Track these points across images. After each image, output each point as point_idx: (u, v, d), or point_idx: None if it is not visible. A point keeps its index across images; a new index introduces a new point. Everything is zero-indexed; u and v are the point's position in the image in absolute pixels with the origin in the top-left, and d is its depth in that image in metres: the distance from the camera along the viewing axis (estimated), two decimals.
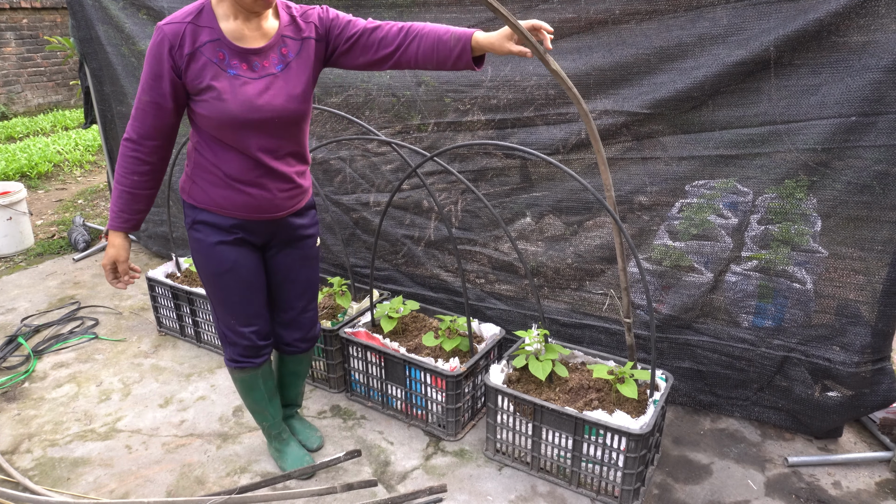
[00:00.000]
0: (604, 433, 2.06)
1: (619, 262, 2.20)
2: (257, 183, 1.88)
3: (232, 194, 1.88)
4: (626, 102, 2.41)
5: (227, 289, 1.99)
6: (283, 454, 2.32)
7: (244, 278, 2.00)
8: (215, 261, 1.95)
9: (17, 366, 3.03)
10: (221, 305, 2.03)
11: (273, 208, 1.94)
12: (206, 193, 1.89)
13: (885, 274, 2.17)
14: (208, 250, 1.94)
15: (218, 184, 1.88)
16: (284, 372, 2.35)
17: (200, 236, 1.94)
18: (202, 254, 1.96)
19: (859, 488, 2.23)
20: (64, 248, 4.50)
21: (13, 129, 7.57)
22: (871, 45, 2.00)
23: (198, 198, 1.92)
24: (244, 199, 1.89)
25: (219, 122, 1.77)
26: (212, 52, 1.74)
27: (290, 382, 2.38)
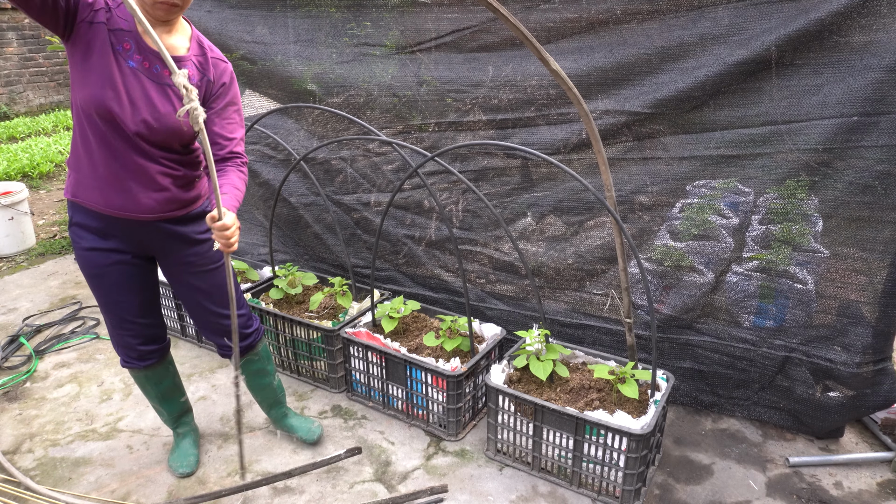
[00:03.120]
0: (605, 433, 2.06)
1: (620, 262, 2.20)
2: (123, 181, 1.83)
3: (100, 189, 1.84)
4: (626, 102, 2.40)
5: (100, 292, 2.00)
6: (173, 448, 2.39)
7: (115, 284, 1.98)
8: (88, 265, 1.96)
9: (18, 366, 3.04)
10: (102, 308, 2.05)
11: (141, 210, 1.88)
12: (81, 185, 1.87)
13: (886, 274, 2.17)
14: (81, 253, 1.95)
15: (90, 177, 1.84)
16: (246, 374, 2.30)
17: (75, 238, 1.95)
18: (77, 255, 1.98)
19: (861, 489, 2.23)
20: (65, 248, 4.50)
21: (15, 129, 7.58)
22: (873, 44, 2.00)
23: (72, 191, 1.90)
24: (111, 196, 1.85)
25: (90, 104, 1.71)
26: (120, 39, 1.73)
27: (255, 384, 2.35)
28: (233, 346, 2.05)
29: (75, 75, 1.74)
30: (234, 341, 2.05)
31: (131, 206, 1.87)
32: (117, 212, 1.87)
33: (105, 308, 2.04)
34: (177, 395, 2.34)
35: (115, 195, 1.85)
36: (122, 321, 2.06)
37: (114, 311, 2.04)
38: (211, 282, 2.08)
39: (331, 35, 3.05)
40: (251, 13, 3.26)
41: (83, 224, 1.92)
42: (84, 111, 1.75)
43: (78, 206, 1.91)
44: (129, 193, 1.85)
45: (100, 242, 1.93)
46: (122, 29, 1.74)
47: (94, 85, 1.72)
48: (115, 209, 1.87)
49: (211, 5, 3.35)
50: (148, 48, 1.77)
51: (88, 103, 1.72)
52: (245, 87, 3.43)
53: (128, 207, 1.87)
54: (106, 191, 1.85)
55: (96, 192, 1.86)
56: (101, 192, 1.85)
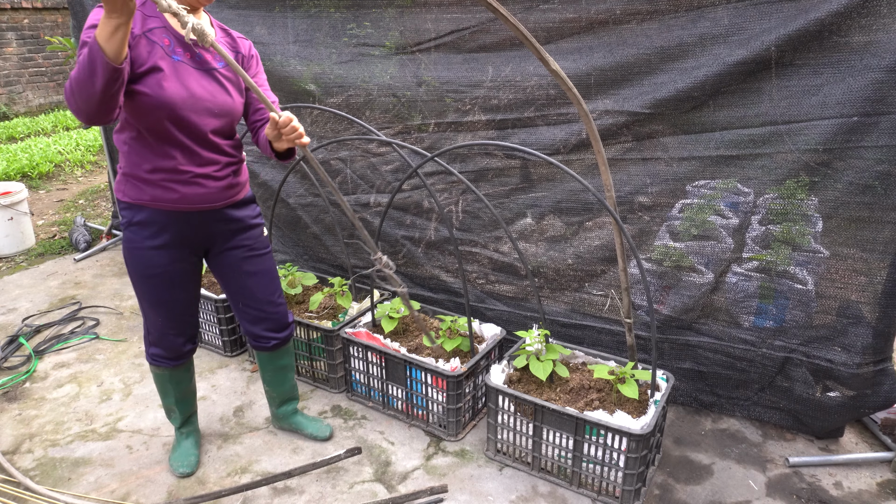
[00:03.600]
0: (605, 433, 2.06)
1: (620, 262, 2.20)
2: (190, 175, 1.88)
3: (166, 187, 1.87)
4: (626, 102, 2.40)
5: (156, 292, 2.01)
6: (174, 448, 2.38)
7: (175, 282, 2.02)
8: (147, 264, 1.96)
9: (18, 366, 3.03)
10: (151, 307, 2.05)
11: (208, 199, 1.94)
12: (141, 189, 1.89)
13: (886, 275, 2.17)
14: (140, 253, 1.95)
15: (152, 178, 1.87)
16: (271, 369, 2.36)
17: (135, 237, 1.95)
18: (134, 255, 1.97)
19: (860, 489, 2.23)
20: (65, 249, 4.50)
21: (14, 129, 7.58)
22: (873, 44, 1.99)
23: (132, 194, 1.90)
24: (179, 192, 1.89)
25: (157, 106, 1.75)
26: (159, 37, 1.77)
27: (279, 378, 2.39)
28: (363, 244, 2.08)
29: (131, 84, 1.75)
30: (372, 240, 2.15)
31: (199, 198, 1.92)
32: (184, 206, 1.90)
33: (155, 307, 2.04)
34: (193, 396, 2.36)
35: (182, 189, 1.88)
36: (173, 320, 2.08)
37: (165, 309, 2.05)
38: (261, 266, 2.15)
39: (330, 35, 3.04)
40: (250, 13, 3.25)
41: (143, 223, 1.92)
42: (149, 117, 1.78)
43: (137, 207, 1.91)
44: (196, 185, 1.90)
45: (159, 240, 1.94)
46: (156, 26, 1.77)
47: (154, 87, 1.75)
48: (182, 203, 1.90)
49: (210, 6, 3.34)
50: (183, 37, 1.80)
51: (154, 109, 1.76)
52: None
53: (195, 199, 1.91)
54: (171, 187, 1.87)
55: (160, 190, 1.87)
56: (166, 189, 1.87)
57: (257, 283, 2.16)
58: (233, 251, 2.10)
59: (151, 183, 1.87)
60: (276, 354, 2.32)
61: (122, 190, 1.93)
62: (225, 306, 3.00)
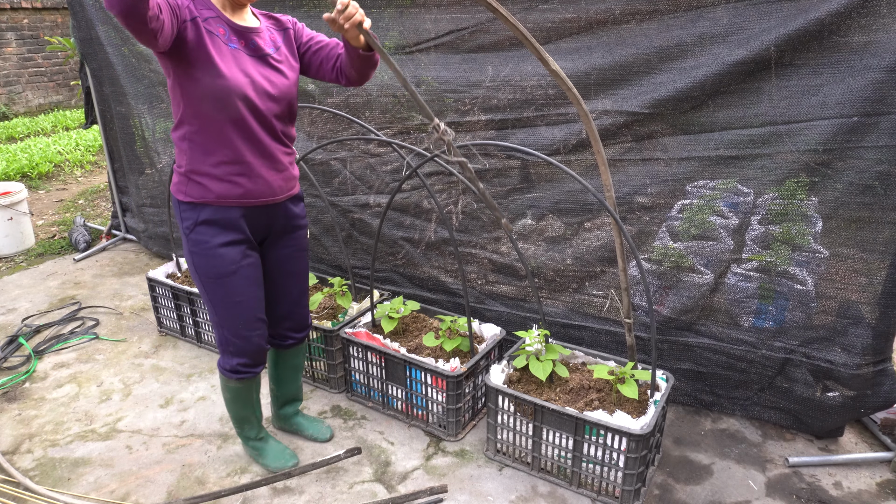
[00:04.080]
0: (604, 433, 2.06)
1: (620, 262, 2.20)
2: (255, 166, 1.88)
3: (232, 181, 1.87)
4: (625, 102, 2.40)
5: (233, 292, 1.97)
6: (264, 452, 2.31)
7: (250, 278, 1.99)
8: (220, 263, 1.92)
9: (17, 366, 3.03)
10: (227, 310, 1.99)
11: (272, 192, 1.95)
12: (205, 186, 1.87)
13: (885, 275, 2.17)
14: (212, 252, 1.91)
15: (216, 173, 1.86)
16: (283, 367, 2.35)
17: (203, 238, 1.91)
18: (205, 256, 1.92)
19: (860, 489, 2.23)
20: (65, 249, 4.50)
21: (14, 129, 7.58)
22: (873, 44, 1.99)
23: (196, 193, 1.89)
24: (244, 185, 1.88)
25: (221, 92, 1.76)
26: (214, 27, 1.77)
27: (289, 377, 2.38)
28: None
29: (187, 77, 1.75)
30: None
31: (266, 191, 1.92)
32: (250, 200, 1.90)
33: (234, 309, 1.99)
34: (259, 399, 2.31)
35: (247, 183, 1.88)
36: (251, 321, 2.04)
37: (244, 309, 2.01)
38: (301, 266, 2.18)
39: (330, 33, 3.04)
40: None
41: (210, 221, 1.90)
42: (213, 105, 1.77)
43: (203, 206, 1.89)
44: (263, 178, 1.90)
45: (228, 237, 1.92)
46: (210, 16, 1.78)
47: (218, 76, 1.75)
48: (247, 198, 1.89)
49: None
50: (237, 26, 1.82)
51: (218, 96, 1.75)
52: None
53: (263, 192, 1.92)
54: (237, 181, 1.87)
55: (226, 185, 1.87)
56: (231, 184, 1.87)
57: (293, 283, 2.17)
58: (282, 249, 2.10)
59: (216, 178, 1.86)
60: (290, 353, 2.32)
61: (183, 191, 1.90)
62: None
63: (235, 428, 2.33)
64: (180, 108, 1.82)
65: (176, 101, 1.83)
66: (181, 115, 1.84)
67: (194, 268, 1.97)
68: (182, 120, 1.84)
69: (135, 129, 4.00)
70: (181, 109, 1.82)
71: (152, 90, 3.76)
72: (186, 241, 1.95)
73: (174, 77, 1.78)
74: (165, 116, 3.85)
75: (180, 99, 1.81)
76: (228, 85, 1.76)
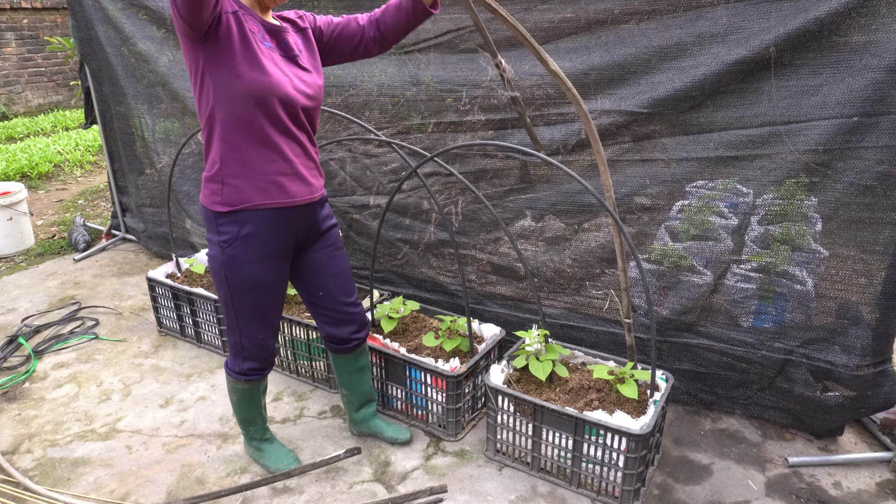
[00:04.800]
0: (604, 433, 2.06)
1: (619, 262, 2.20)
2: (295, 164, 1.87)
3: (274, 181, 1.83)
4: (624, 102, 2.40)
5: (261, 304, 1.96)
6: (266, 453, 2.31)
7: (278, 291, 1.99)
8: (254, 279, 1.91)
9: (17, 366, 3.03)
10: (249, 320, 1.98)
11: (310, 191, 1.93)
12: (243, 191, 1.82)
13: (885, 275, 2.16)
14: (248, 268, 1.89)
15: (256, 173, 1.81)
16: (350, 371, 2.32)
17: (240, 254, 1.87)
18: (240, 271, 1.89)
19: (860, 489, 2.23)
20: (64, 249, 4.50)
21: (14, 129, 7.58)
22: (873, 44, 1.99)
23: (235, 199, 1.83)
24: (286, 186, 1.86)
25: (260, 89, 1.72)
26: (251, 23, 1.76)
27: (357, 380, 2.35)
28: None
29: (225, 72, 1.70)
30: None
31: (305, 190, 1.91)
32: (288, 201, 1.87)
33: (257, 320, 1.99)
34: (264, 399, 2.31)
35: (290, 182, 1.87)
36: (271, 328, 2.05)
37: (265, 322, 2.01)
38: (341, 266, 2.14)
39: None
40: None
41: (252, 235, 1.86)
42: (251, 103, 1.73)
43: (244, 216, 1.84)
44: (302, 177, 1.89)
45: (267, 250, 1.90)
46: (245, 13, 1.76)
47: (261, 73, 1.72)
48: (286, 198, 1.87)
49: None
50: (270, 25, 1.82)
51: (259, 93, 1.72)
52: None
53: (302, 192, 1.90)
54: (280, 180, 1.85)
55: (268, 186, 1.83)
56: (275, 184, 1.84)
57: (338, 283, 2.13)
58: (320, 250, 2.08)
59: (256, 179, 1.81)
60: (354, 355, 2.29)
61: (218, 201, 1.84)
62: None
63: (242, 429, 2.32)
64: (211, 106, 1.75)
65: (206, 98, 1.75)
66: (213, 114, 1.77)
67: (225, 279, 1.91)
68: (214, 119, 1.77)
69: (134, 130, 4.00)
70: (212, 107, 1.75)
71: (152, 90, 3.76)
72: (221, 254, 1.88)
73: (207, 71, 1.71)
74: (165, 116, 3.85)
75: (212, 96, 1.73)
76: (271, 82, 1.73)
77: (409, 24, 1.95)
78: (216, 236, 1.89)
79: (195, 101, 1.81)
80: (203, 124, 1.81)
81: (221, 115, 1.76)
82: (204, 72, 1.72)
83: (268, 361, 2.11)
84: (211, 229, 1.90)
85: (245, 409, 2.23)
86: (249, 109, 1.74)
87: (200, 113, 1.80)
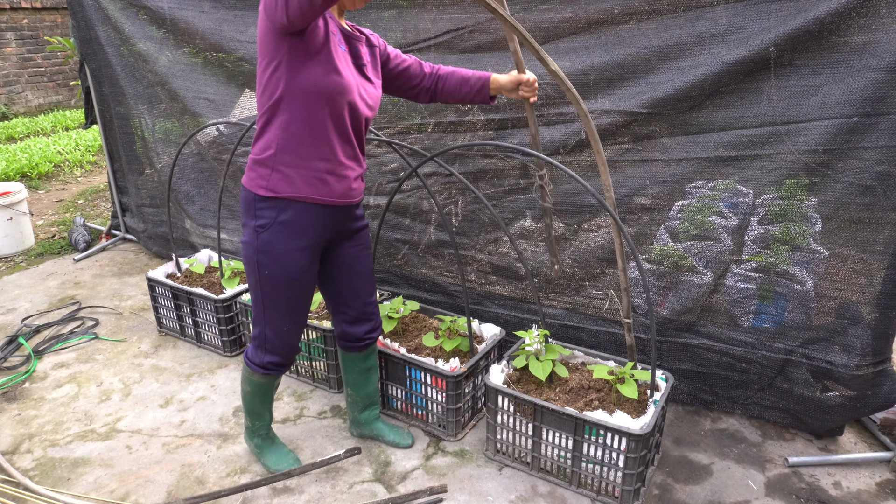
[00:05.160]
0: (604, 433, 2.06)
1: (619, 262, 2.20)
2: (345, 167, 1.89)
3: (322, 178, 1.86)
4: (624, 102, 2.40)
5: (291, 296, 1.96)
6: (267, 452, 2.30)
7: (309, 285, 1.99)
8: (289, 268, 1.91)
9: (17, 366, 3.03)
10: (280, 312, 1.98)
11: (350, 195, 1.95)
12: (292, 181, 1.84)
13: (885, 275, 2.16)
14: (283, 256, 1.89)
15: (307, 167, 1.83)
16: (358, 370, 2.33)
17: (277, 240, 1.87)
18: (274, 258, 1.89)
19: (860, 488, 2.23)
20: (64, 249, 4.50)
21: (14, 129, 7.58)
22: (872, 44, 1.99)
23: (282, 188, 1.84)
24: (332, 185, 1.88)
25: (334, 89, 1.76)
26: (332, 26, 1.79)
27: (365, 380, 2.36)
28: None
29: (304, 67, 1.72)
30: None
31: (346, 192, 1.93)
32: (332, 199, 1.90)
33: (288, 313, 1.99)
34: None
35: (336, 182, 1.89)
36: (300, 323, 2.05)
37: (297, 314, 2.01)
38: (367, 266, 2.18)
39: None
40: (246, 14, 3.25)
41: (288, 222, 1.87)
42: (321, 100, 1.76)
43: (284, 203, 1.86)
44: (347, 179, 1.92)
45: (303, 241, 1.91)
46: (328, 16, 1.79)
47: (336, 73, 1.76)
48: (330, 197, 1.89)
49: (207, 6, 3.34)
50: (345, 31, 1.86)
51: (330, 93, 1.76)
52: (244, 87, 3.43)
53: (344, 194, 1.93)
54: (328, 179, 1.87)
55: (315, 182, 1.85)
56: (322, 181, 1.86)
57: (362, 283, 2.16)
58: (349, 248, 2.10)
59: (306, 172, 1.83)
60: (364, 355, 2.30)
61: (264, 185, 1.85)
62: (225, 306, 3.00)
63: (247, 421, 2.29)
64: (279, 96, 1.77)
65: (274, 86, 1.76)
66: (279, 104, 1.78)
67: (257, 266, 1.91)
68: (279, 108, 1.79)
69: (134, 130, 4.00)
70: (280, 97, 1.77)
71: (151, 90, 3.76)
72: (255, 239, 1.89)
73: (285, 62, 1.72)
74: (165, 116, 3.85)
75: (283, 86, 1.75)
76: (343, 84, 1.78)
77: (464, 99, 2.15)
78: (252, 220, 1.89)
79: (258, 84, 1.83)
80: (263, 109, 1.83)
81: (288, 106, 1.78)
82: (282, 62, 1.73)
83: (289, 358, 2.10)
84: (248, 213, 1.91)
85: (256, 403, 2.22)
86: (318, 106, 1.77)
87: (263, 97, 1.81)
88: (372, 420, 2.45)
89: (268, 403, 2.24)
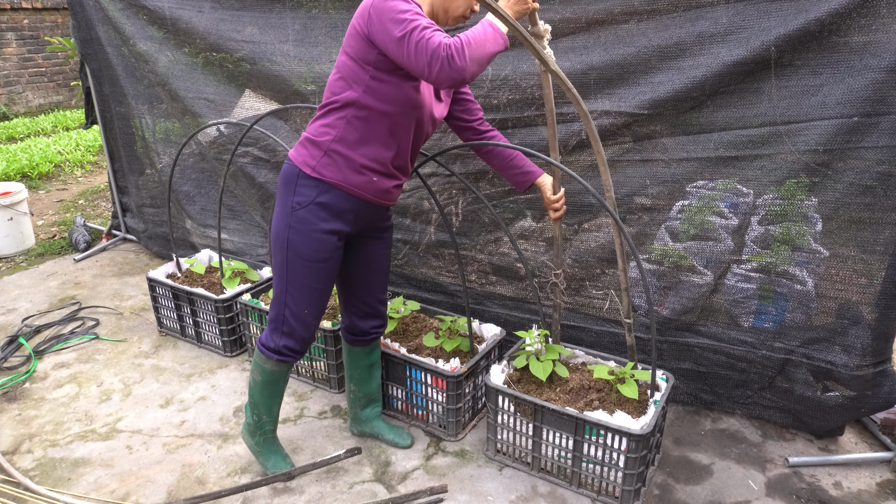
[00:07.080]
0: (604, 433, 2.06)
1: (620, 262, 2.20)
2: (392, 173, 1.95)
3: (368, 175, 1.90)
4: (624, 102, 2.40)
5: (317, 278, 1.98)
6: (267, 452, 2.27)
7: (335, 270, 2.02)
8: (319, 248, 1.94)
9: (17, 366, 3.04)
10: (302, 293, 1.98)
11: (388, 198, 2.01)
12: (342, 170, 1.88)
13: (885, 275, 2.16)
14: (315, 236, 1.92)
15: (360, 162, 1.88)
16: (362, 365, 2.36)
17: (311, 218, 1.91)
18: (306, 236, 1.92)
19: (860, 489, 2.23)
20: (65, 249, 4.50)
21: (14, 129, 7.58)
22: (873, 44, 1.99)
23: (330, 173, 1.89)
24: (375, 184, 1.93)
25: (412, 103, 1.83)
26: None
27: (368, 376, 2.39)
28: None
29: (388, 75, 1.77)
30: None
31: (385, 195, 1.99)
32: (372, 198, 1.95)
33: (310, 294, 2.00)
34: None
35: (380, 183, 1.94)
36: (320, 309, 2.06)
37: (318, 297, 2.02)
38: (386, 264, 2.24)
39: (329, 35, 3.04)
40: (244, 14, 3.25)
41: (325, 204, 1.91)
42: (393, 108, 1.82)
43: (327, 189, 1.90)
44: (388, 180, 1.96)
45: (334, 224, 1.94)
46: None
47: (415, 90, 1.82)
48: (369, 193, 1.94)
49: (206, 6, 3.34)
50: None
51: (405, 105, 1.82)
52: (244, 87, 3.43)
53: (383, 196, 1.98)
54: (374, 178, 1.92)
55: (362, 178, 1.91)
56: (367, 179, 1.91)
57: (379, 280, 2.22)
58: (373, 245, 2.15)
59: (357, 166, 1.88)
60: (369, 349, 2.34)
61: (313, 165, 1.88)
62: (226, 307, 3.00)
63: (251, 417, 2.22)
64: (355, 95, 1.81)
65: (353, 84, 1.81)
66: (352, 100, 1.82)
67: (287, 243, 1.93)
68: (351, 104, 1.83)
69: (135, 130, 4.00)
70: (356, 96, 1.81)
71: (152, 90, 3.76)
72: (290, 216, 1.92)
73: (371, 65, 1.77)
74: (165, 117, 3.85)
75: (362, 87, 1.80)
76: (420, 101, 1.85)
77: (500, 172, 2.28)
78: (291, 196, 1.92)
79: (336, 67, 1.86)
80: (331, 97, 1.87)
81: (361, 106, 1.83)
82: (367, 63, 1.77)
83: (304, 344, 2.09)
84: (288, 188, 1.93)
85: (266, 394, 2.17)
86: (389, 115, 1.84)
87: (337, 84, 1.85)
88: (373, 418, 2.46)
89: (277, 397, 2.21)
